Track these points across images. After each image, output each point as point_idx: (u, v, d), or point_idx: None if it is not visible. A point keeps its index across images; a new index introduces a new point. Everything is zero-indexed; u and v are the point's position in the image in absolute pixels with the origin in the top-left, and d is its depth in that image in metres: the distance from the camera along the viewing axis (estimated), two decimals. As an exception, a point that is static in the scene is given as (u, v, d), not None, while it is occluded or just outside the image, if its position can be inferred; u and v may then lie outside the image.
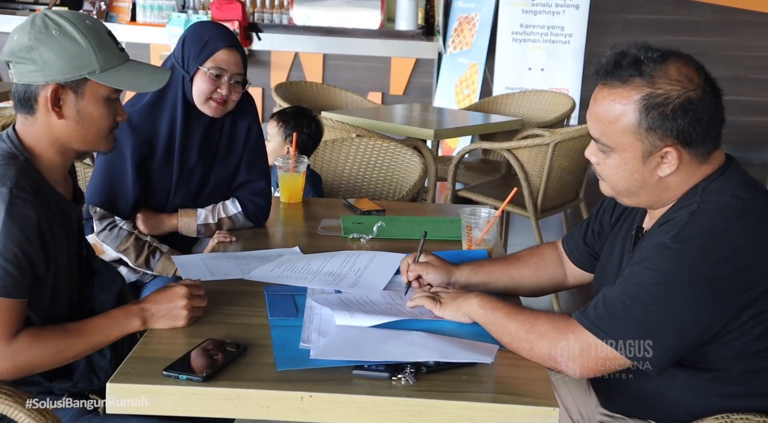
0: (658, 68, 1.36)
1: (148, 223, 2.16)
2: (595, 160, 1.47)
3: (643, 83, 1.36)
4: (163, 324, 1.49)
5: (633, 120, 1.37)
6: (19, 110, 1.50)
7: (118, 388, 1.27)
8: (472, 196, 3.70)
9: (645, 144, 1.38)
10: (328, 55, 6.39)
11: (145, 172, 2.14)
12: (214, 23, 2.26)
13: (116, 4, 6.49)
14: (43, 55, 1.44)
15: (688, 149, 1.38)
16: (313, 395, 1.26)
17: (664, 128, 1.36)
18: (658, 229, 1.41)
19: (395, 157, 3.07)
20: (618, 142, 1.40)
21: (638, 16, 6.44)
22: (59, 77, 1.45)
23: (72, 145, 1.52)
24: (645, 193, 1.44)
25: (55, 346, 1.44)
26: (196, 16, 6.26)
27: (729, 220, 1.35)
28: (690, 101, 1.35)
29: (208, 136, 2.18)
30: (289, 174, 2.44)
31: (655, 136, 1.37)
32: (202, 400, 1.27)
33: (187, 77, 2.10)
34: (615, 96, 1.38)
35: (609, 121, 1.39)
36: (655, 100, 1.35)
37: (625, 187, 1.44)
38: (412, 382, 1.30)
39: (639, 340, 1.32)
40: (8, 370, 1.40)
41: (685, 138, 1.37)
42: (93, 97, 1.49)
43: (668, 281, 1.32)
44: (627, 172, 1.42)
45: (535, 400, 1.27)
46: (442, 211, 2.71)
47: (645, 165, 1.40)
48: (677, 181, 1.42)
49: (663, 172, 1.40)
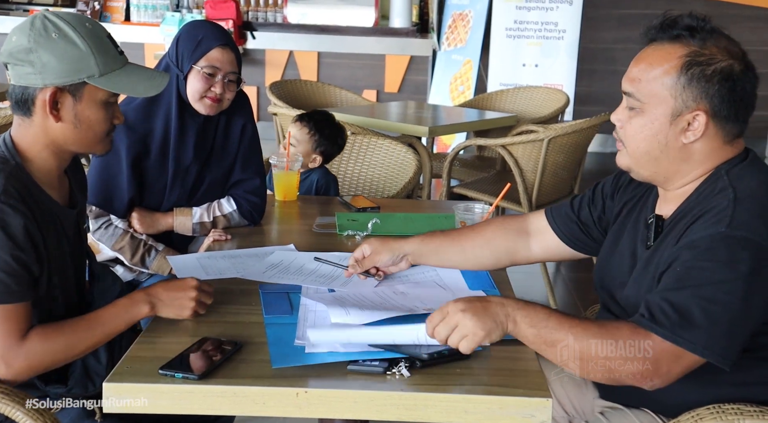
0: (709, 36, 1.39)
1: (144, 221, 2.17)
2: (619, 123, 1.45)
3: (692, 43, 1.38)
4: (168, 312, 1.50)
5: (673, 74, 1.37)
6: (15, 112, 1.49)
7: (115, 387, 1.28)
8: (467, 192, 3.71)
9: (678, 102, 1.38)
10: (322, 53, 6.39)
11: (141, 170, 2.15)
12: (208, 22, 2.27)
13: (110, 3, 6.49)
14: (42, 58, 1.43)
15: (717, 121, 1.38)
16: (308, 391, 1.27)
17: (701, 89, 1.36)
18: (700, 220, 1.36)
19: (390, 155, 3.08)
20: (651, 97, 1.39)
21: (632, 11, 6.45)
22: (58, 81, 1.44)
23: (68, 148, 1.52)
24: (665, 160, 1.41)
25: (66, 341, 1.45)
26: (190, 15, 6.26)
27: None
28: (732, 71, 1.37)
29: (203, 135, 2.19)
30: (283, 172, 2.45)
31: (690, 96, 1.37)
32: (199, 398, 1.28)
33: (181, 76, 2.11)
34: (661, 51, 1.40)
35: (648, 76, 1.40)
36: (699, 57, 1.36)
37: (647, 149, 1.42)
38: (406, 375, 1.31)
39: (724, 342, 1.28)
40: (24, 370, 1.41)
41: (717, 106, 1.37)
42: (91, 100, 1.48)
43: (741, 273, 1.28)
44: (653, 131, 1.40)
45: (528, 391, 1.28)
46: (437, 207, 2.72)
47: (672, 126, 1.39)
48: (700, 153, 1.40)
49: (687, 139, 1.39)
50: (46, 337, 1.43)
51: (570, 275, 3.98)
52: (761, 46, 6.49)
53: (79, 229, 1.63)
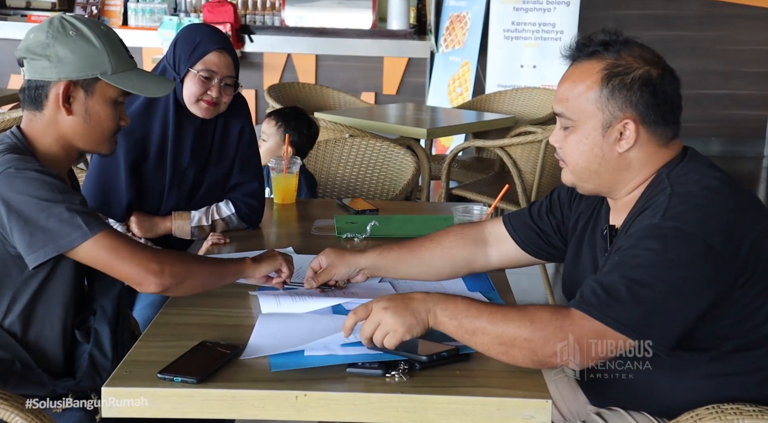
0: (623, 47, 1.44)
1: (142, 225, 2.17)
2: (558, 144, 1.50)
3: (608, 56, 1.43)
4: (267, 266, 1.67)
5: (595, 88, 1.43)
6: (27, 106, 1.56)
7: (114, 391, 1.28)
8: (466, 193, 3.71)
9: (605, 114, 1.42)
10: (320, 55, 6.39)
11: (139, 174, 2.15)
12: (206, 26, 2.27)
13: (108, 8, 6.49)
14: (58, 53, 1.51)
15: (646, 126, 1.42)
16: (307, 394, 1.27)
17: (624, 97, 1.41)
18: (640, 216, 1.40)
19: (388, 157, 3.08)
20: (580, 114, 1.44)
21: (629, 12, 6.46)
22: (73, 74, 1.52)
23: (76, 143, 1.58)
24: (605, 172, 1.46)
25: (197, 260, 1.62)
26: (188, 19, 6.26)
27: (711, 196, 1.37)
28: (650, 76, 1.42)
29: (201, 138, 2.19)
30: (282, 175, 2.45)
31: (615, 106, 1.42)
32: (198, 402, 1.28)
33: (178, 79, 2.11)
34: (580, 69, 1.45)
35: (573, 94, 1.45)
36: (616, 68, 1.42)
37: (586, 164, 1.46)
38: (405, 378, 1.31)
39: (646, 321, 1.30)
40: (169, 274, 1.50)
41: (643, 112, 1.41)
42: (102, 97, 1.56)
43: (669, 259, 1.31)
44: (587, 146, 1.45)
45: (527, 392, 1.28)
46: (436, 209, 2.72)
47: (605, 138, 1.43)
48: (637, 160, 1.44)
49: (622, 148, 1.43)
50: (175, 252, 1.60)
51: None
52: (760, 45, 6.51)
53: None
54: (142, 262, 1.48)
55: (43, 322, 1.57)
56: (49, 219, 1.44)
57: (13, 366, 1.53)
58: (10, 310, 1.53)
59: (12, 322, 1.54)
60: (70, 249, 1.45)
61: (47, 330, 1.57)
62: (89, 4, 6.42)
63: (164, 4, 6.44)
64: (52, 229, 1.44)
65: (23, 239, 1.44)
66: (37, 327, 1.56)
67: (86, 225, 1.45)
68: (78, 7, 6.43)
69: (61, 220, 1.44)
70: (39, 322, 1.56)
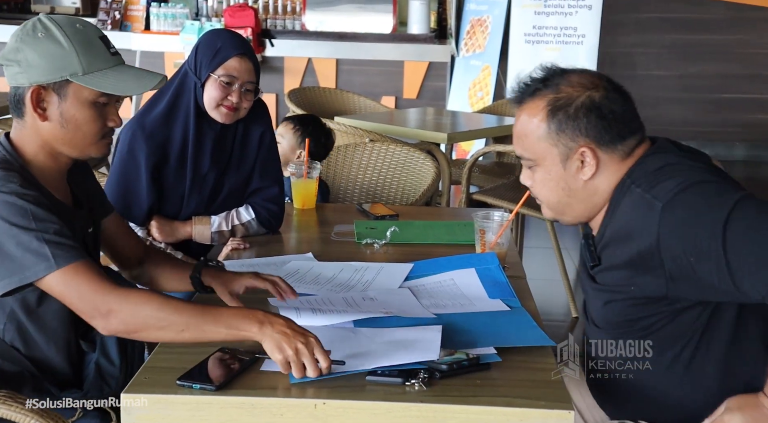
0: (561, 79, 1.46)
1: (163, 230, 2.17)
2: (529, 182, 1.52)
3: (548, 92, 1.45)
4: (268, 344, 1.33)
5: (543, 126, 1.44)
6: (12, 114, 1.51)
7: (133, 398, 1.27)
8: (487, 199, 3.68)
9: (560, 147, 1.44)
10: (341, 60, 6.40)
11: (159, 178, 2.15)
12: (228, 31, 2.28)
13: (130, 13, 6.53)
14: (27, 57, 1.44)
15: (603, 148, 1.43)
16: (326, 402, 1.26)
17: (572, 128, 1.42)
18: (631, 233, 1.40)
19: (408, 162, 3.06)
20: (537, 152, 1.46)
21: (652, 15, 6.40)
22: (41, 78, 1.45)
23: (61, 149, 1.51)
24: (577, 202, 1.47)
25: (161, 301, 1.38)
26: (209, 23, 6.29)
27: (673, 160, 1.40)
28: (591, 100, 1.42)
29: (221, 143, 2.19)
30: (302, 180, 2.45)
31: (567, 138, 1.43)
32: (216, 410, 1.27)
33: (199, 84, 2.12)
34: (527, 111, 1.47)
35: (526, 135, 1.47)
36: (558, 102, 1.43)
37: (557, 199, 1.48)
38: (425, 387, 1.30)
39: None
40: (118, 321, 1.37)
41: (596, 137, 1.42)
42: (76, 99, 1.47)
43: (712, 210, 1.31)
44: (553, 181, 1.47)
45: (549, 403, 1.26)
46: (457, 214, 2.71)
47: (566, 170, 1.45)
48: (604, 182, 1.45)
49: (585, 175, 1.44)
50: (147, 296, 1.40)
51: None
52: (784, 48, 6.43)
53: (85, 232, 1.62)
54: (95, 302, 1.37)
55: (44, 337, 1.54)
56: (17, 247, 1.37)
57: (23, 378, 1.52)
58: (8, 328, 1.51)
59: (12, 337, 1.52)
60: (34, 280, 1.39)
61: (50, 344, 1.55)
62: (112, 9, 6.47)
63: (186, 8, 6.48)
64: (19, 258, 1.37)
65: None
66: (39, 342, 1.54)
67: (53, 257, 1.37)
68: (101, 12, 6.48)
69: (28, 250, 1.37)
70: (39, 338, 1.53)
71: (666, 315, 1.42)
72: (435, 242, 2.13)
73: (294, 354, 1.31)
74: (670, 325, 1.42)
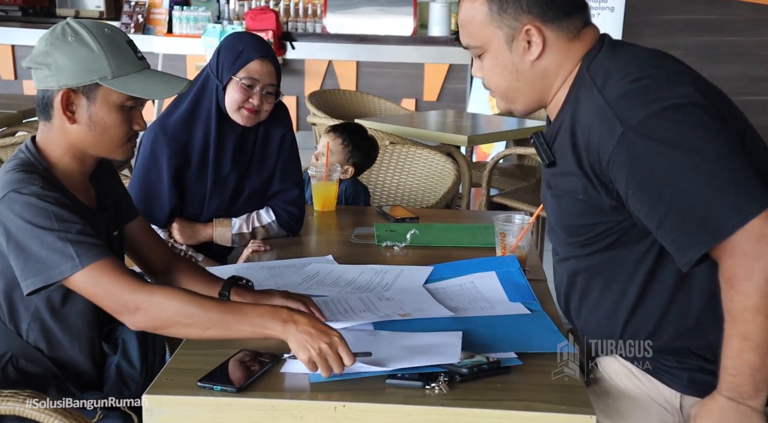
0: None
1: (184, 232, 2.19)
2: (479, 74, 1.49)
3: None
4: (294, 342, 1.33)
5: (485, 9, 1.42)
6: (39, 117, 1.53)
7: (154, 399, 1.28)
8: (507, 201, 3.67)
9: (504, 29, 1.41)
10: (361, 62, 6.41)
11: (181, 180, 2.17)
12: (250, 34, 2.29)
13: (153, 16, 6.60)
14: (57, 60, 1.46)
15: (549, 25, 1.40)
16: (346, 405, 1.26)
17: (514, 6, 1.40)
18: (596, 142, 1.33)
19: (428, 164, 3.06)
20: (482, 38, 1.43)
21: (675, 17, 6.35)
22: (71, 82, 1.47)
23: (87, 151, 1.54)
24: (525, 85, 1.44)
25: (187, 298, 1.40)
26: (231, 26, 6.33)
27: (645, 65, 1.35)
28: None
29: (242, 145, 2.20)
30: (322, 182, 2.45)
31: (510, 17, 1.40)
32: (237, 411, 1.28)
33: (221, 87, 2.13)
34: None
35: (470, 21, 1.44)
36: None
37: (506, 85, 1.45)
38: (445, 390, 1.29)
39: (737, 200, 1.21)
40: (146, 311, 1.39)
41: (540, 13, 1.39)
42: (105, 103, 1.49)
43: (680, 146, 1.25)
44: (500, 66, 1.44)
45: (570, 408, 1.25)
46: (477, 217, 2.70)
47: (513, 52, 1.42)
48: (552, 63, 1.42)
49: (532, 55, 1.41)
50: (173, 292, 1.42)
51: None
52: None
53: (109, 235, 1.64)
54: (123, 298, 1.39)
55: (69, 337, 1.56)
56: (42, 247, 1.39)
57: (46, 379, 1.54)
58: (32, 328, 1.53)
59: (36, 338, 1.54)
60: (60, 279, 1.40)
61: (73, 345, 1.57)
62: (135, 13, 6.54)
63: (208, 12, 6.53)
64: (44, 258, 1.39)
65: (17, 266, 1.42)
66: (62, 343, 1.56)
67: (77, 256, 1.39)
68: (124, 15, 6.55)
69: (53, 250, 1.39)
70: (64, 339, 1.55)
71: (616, 226, 1.39)
72: (455, 245, 2.13)
73: (318, 353, 1.31)
74: (623, 238, 1.40)
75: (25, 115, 3.95)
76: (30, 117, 3.99)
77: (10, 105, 4.09)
